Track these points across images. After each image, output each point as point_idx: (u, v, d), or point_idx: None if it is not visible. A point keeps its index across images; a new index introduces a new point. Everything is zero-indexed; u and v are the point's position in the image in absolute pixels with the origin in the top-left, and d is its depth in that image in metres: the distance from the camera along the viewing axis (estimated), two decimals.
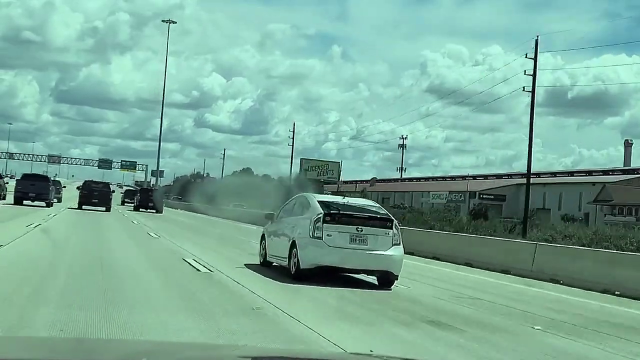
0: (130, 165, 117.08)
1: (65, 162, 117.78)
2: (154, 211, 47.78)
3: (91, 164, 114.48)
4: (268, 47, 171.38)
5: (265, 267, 13.84)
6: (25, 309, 7.60)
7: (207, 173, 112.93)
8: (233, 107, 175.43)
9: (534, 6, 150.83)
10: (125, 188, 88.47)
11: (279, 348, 6.27)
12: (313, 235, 11.96)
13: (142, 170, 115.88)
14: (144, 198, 50.36)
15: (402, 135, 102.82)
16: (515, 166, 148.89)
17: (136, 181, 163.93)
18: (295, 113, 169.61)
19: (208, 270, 12.72)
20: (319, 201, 12.74)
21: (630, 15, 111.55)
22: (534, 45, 38.98)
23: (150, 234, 23.01)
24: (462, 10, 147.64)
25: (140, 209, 48.60)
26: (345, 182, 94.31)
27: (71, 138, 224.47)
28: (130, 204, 59.32)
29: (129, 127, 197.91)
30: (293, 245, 12.33)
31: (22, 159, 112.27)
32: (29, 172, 47.09)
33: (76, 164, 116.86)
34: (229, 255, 16.76)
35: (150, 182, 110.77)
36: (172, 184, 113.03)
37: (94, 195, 40.75)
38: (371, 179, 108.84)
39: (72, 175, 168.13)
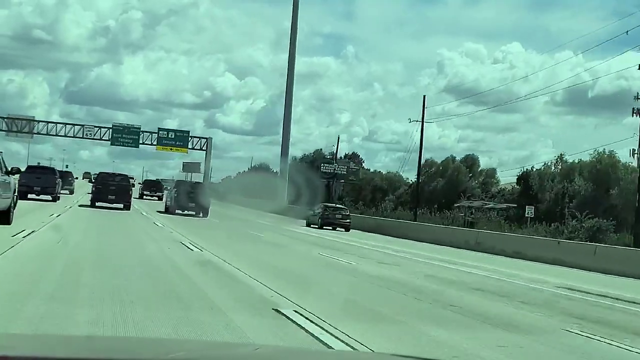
0: (178, 140, 65.88)
1: (44, 130, 70.91)
2: (194, 213, 35.08)
3: (97, 136, 68.06)
4: (281, 45, 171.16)
5: None
6: None
7: (355, 153, 75.69)
8: (245, 107, 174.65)
9: (540, 4, 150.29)
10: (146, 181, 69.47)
11: (299, 347, 5.95)
12: None
13: (202, 150, 69.61)
14: (183, 195, 35.44)
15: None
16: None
17: (157, 178, 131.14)
18: (307, 114, 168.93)
19: None
20: None
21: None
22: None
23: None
24: (469, 8, 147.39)
25: (177, 211, 35.04)
26: None
27: (80, 140, 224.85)
28: (151, 198, 51.91)
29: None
30: None
31: None
32: (35, 164, 46.23)
33: (70, 137, 69.74)
34: None
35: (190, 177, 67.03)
36: (233, 176, 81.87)
37: (110, 190, 33.90)
38: None
39: (67, 166, 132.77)
